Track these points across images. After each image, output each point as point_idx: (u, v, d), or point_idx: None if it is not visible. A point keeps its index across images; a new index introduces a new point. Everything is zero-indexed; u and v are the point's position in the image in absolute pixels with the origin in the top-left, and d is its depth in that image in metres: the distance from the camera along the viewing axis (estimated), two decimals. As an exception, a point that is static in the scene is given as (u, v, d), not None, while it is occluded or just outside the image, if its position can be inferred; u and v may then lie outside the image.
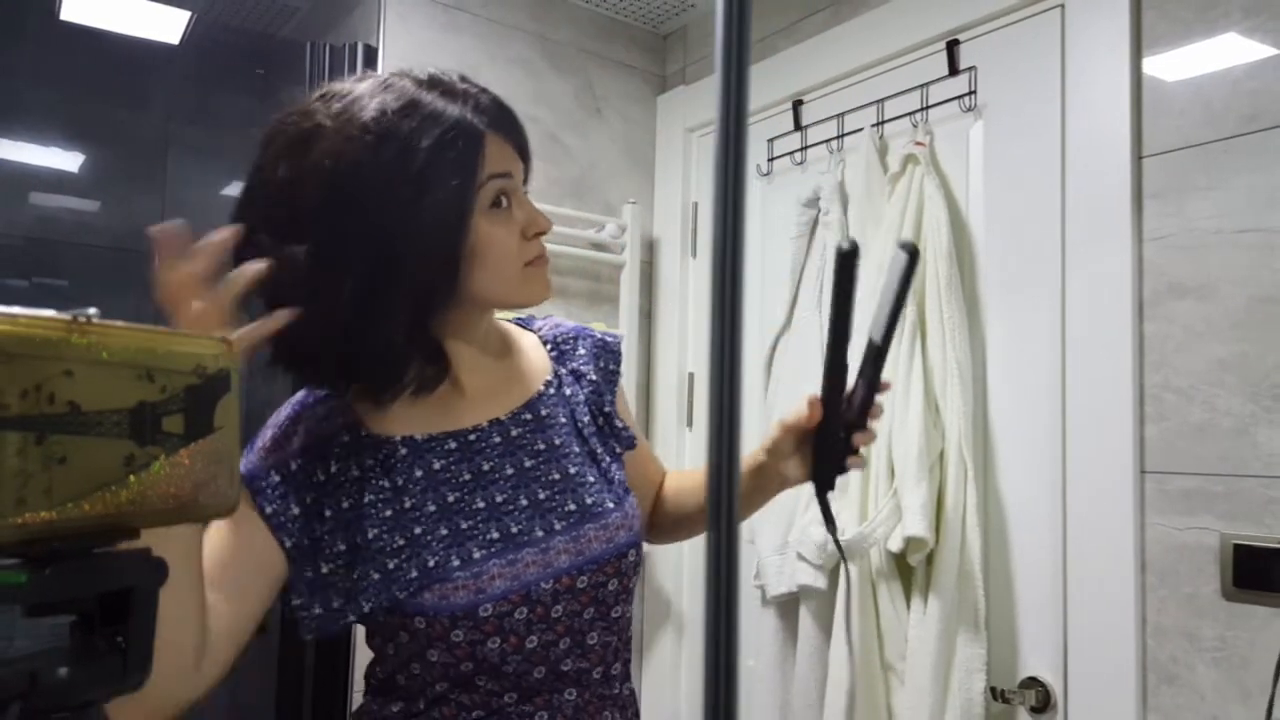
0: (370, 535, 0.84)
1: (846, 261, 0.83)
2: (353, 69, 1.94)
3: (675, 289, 2.21)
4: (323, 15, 2.31)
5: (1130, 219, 1.36)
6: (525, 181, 0.91)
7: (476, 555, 0.84)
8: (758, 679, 1.76)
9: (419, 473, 0.87)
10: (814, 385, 1.78)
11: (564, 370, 1.00)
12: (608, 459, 0.98)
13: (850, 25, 1.83)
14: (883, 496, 1.50)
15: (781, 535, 1.70)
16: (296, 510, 0.83)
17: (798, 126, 1.92)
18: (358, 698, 1.84)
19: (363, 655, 1.85)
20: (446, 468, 0.88)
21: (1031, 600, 1.45)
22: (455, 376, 0.91)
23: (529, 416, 0.94)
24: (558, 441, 0.93)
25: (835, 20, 1.87)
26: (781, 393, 1.82)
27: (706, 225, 2.16)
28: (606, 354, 1.04)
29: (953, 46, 1.63)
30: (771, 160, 1.99)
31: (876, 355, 0.90)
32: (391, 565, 0.83)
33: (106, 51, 2.38)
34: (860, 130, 1.74)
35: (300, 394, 0.91)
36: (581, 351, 1.03)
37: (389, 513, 0.85)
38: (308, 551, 0.84)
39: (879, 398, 0.95)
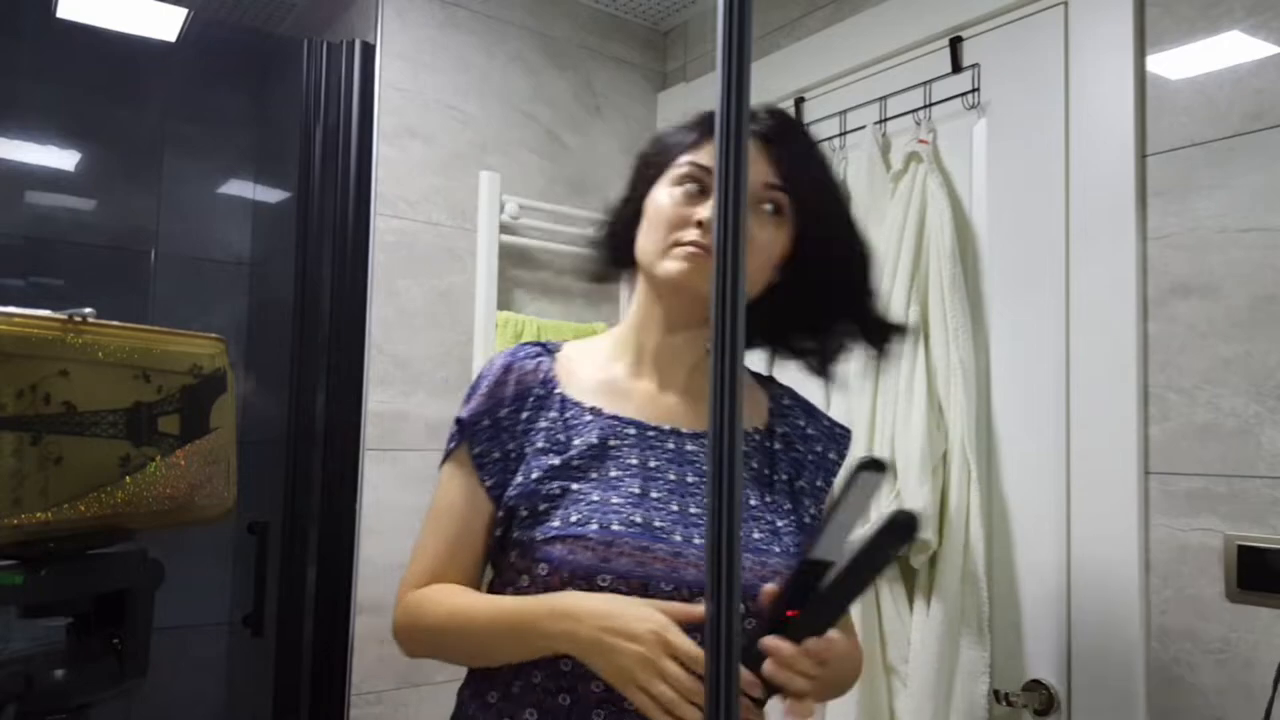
0: (534, 476, 0.93)
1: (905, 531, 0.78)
2: (350, 66, 1.93)
3: (675, 288, 2.20)
4: (320, 12, 2.30)
5: (1134, 217, 1.35)
6: (776, 202, 0.97)
7: (615, 527, 0.89)
8: (758, 680, 1.75)
9: (594, 439, 0.95)
10: (814, 385, 1.78)
11: (779, 430, 1.05)
12: (787, 520, 0.98)
13: (852, 22, 1.82)
14: (885, 498, 1.49)
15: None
16: (498, 454, 0.96)
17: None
18: (356, 700, 1.84)
19: (361, 658, 1.84)
20: (619, 447, 0.95)
21: (1035, 602, 1.45)
22: (655, 375, 1.01)
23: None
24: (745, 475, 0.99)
25: (837, 17, 1.87)
26: (782, 392, 1.81)
27: (707, 224, 2.15)
28: (833, 442, 1.08)
29: (956, 44, 1.62)
30: (772, 159, 1.98)
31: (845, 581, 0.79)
32: (542, 508, 0.91)
33: (103, 49, 2.37)
34: (863, 128, 1.73)
35: (513, 348, 1.02)
36: (806, 427, 1.07)
37: (556, 462, 0.93)
38: (501, 489, 0.95)
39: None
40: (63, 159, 2.54)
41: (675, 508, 0.93)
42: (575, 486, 0.92)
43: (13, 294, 2.41)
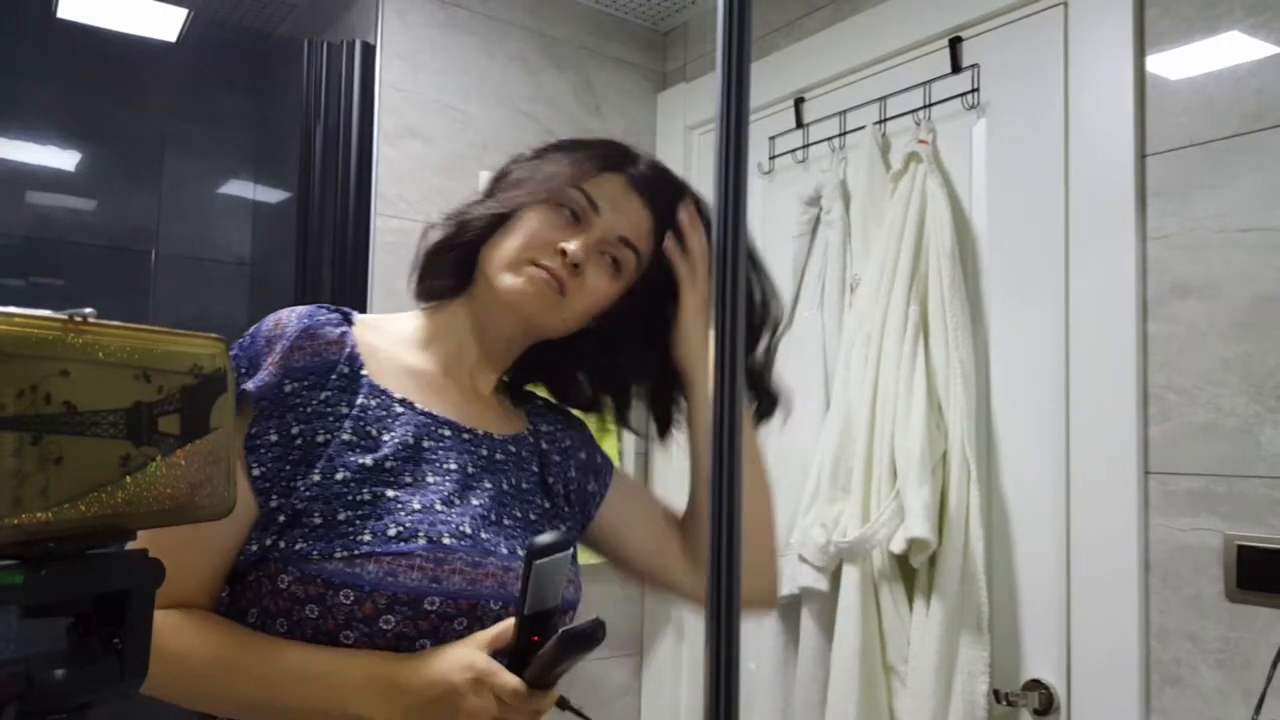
0: (339, 476, 0.77)
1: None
2: (350, 67, 1.93)
3: (675, 288, 2.20)
4: (320, 13, 2.30)
5: (1134, 218, 1.36)
6: (642, 244, 0.93)
7: (446, 541, 0.78)
8: (759, 681, 1.75)
9: (408, 438, 0.82)
10: (814, 386, 1.78)
11: (543, 428, 0.99)
12: (568, 523, 0.96)
13: (852, 22, 1.82)
14: (885, 498, 1.49)
15: (782, 536, 1.70)
16: (276, 437, 0.78)
17: (799, 124, 1.92)
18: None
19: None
20: (434, 449, 0.84)
21: (1034, 602, 1.45)
22: (467, 377, 0.93)
23: (513, 449, 0.92)
24: (526, 486, 0.92)
25: (837, 17, 1.87)
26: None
27: (707, 224, 2.15)
28: (593, 448, 1.03)
29: (955, 44, 1.62)
30: (773, 158, 1.98)
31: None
32: (343, 517, 0.76)
33: (103, 49, 2.37)
34: (862, 128, 1.73)
35: (307, 308, 0.87)
36: (556, 424, 1.01)
37: (366, 461, 0.79)
38: (272, 482, 0.77)
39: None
40: (63, 159, 2.54)
41: (494, 517, 0.85)
42: (390, 493, 0.78)
43: (13, 294, 2.41)
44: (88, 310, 0.39)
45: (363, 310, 1.89)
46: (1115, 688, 1.33)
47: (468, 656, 0.72)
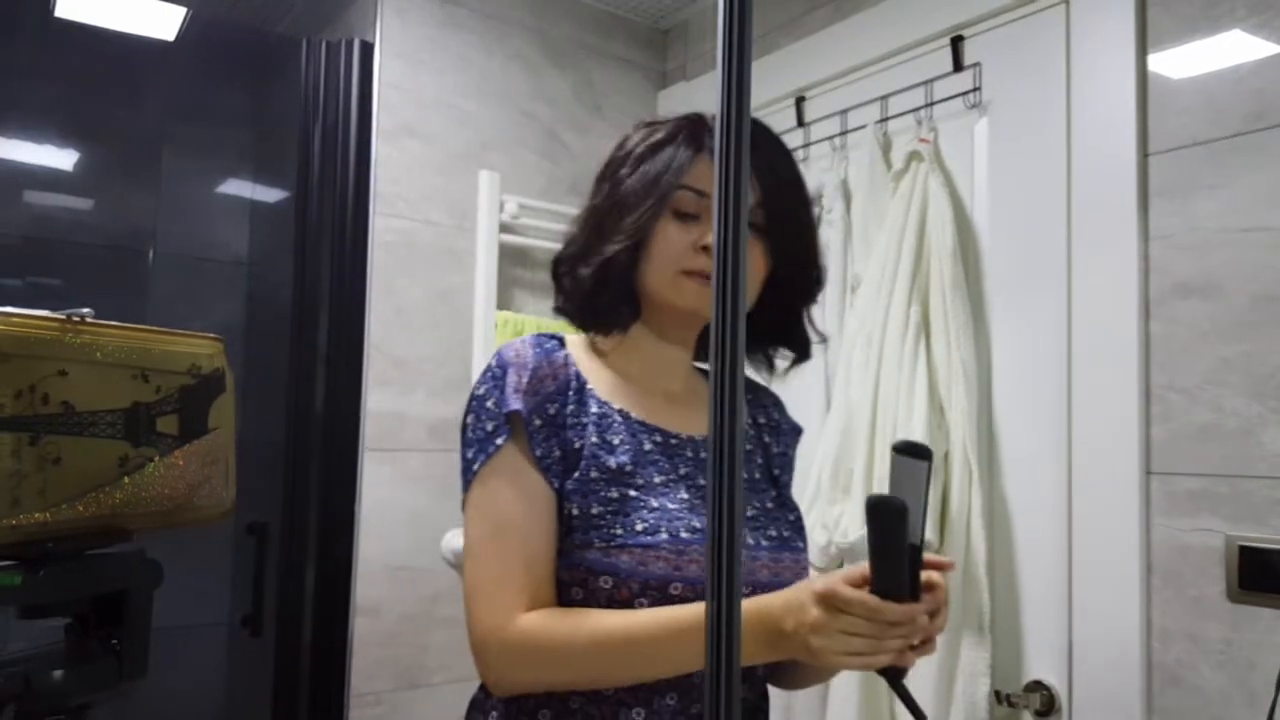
0: (593, 475, 0.88)
1: (892, 516, 0.78)
2: (349, 65, 1.93)
3: (675, 288, 2.20)
4: (319, 11, 2.29)
5: (1135, 217, 1.35)
6: (768, 212, 0.95)
7: (684, 535, 0.87)
8: (758, 680, 1.75)
9: (634, 444, 0.92)
10: (815, 386, 1.77)
11: (761, 420, 1.07)
12: (794, 515, 1.03)
13: (853, 21, 1.82)
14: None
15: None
16: (559, 453, 0.90)
17: (800, 123, 1.91)
18: (355, 700, 1.83)
19: (360, 659, 1.84)
20: (653, 453, 0.93)
21: (1036, 603, 1.45)
22: (659, 380, 1.00)
23: None
24: (756, 476, 1.00)
25: (838, 16, 1.86)
26: (782, 392, 1.81)
27: (706, 223, 2.14)
28: (795, 435, 1.11)
29: (957, 43, 1.62)
30: (772, 158, 1.98)
31: (917, 556, 0.83)
32: (596, 512, 0.87)
33: (101, 48, 2.36)
34: (864, 127, 1.73)
35: (529, 337, 0.96)
36: (776, 415, 1.10)
37: (611, 463, 0.90)
38: (566, 491, 0.89)
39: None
40: (61, 159, 2.54)
41: None
42: (632, 493, 0.89)
43: (11, 294, 2.41)
44: (86, 310, 0.39)
45: (362, 309, 1.89)
46: (1117, 688, 1.33)
47: (817, 580, 0.79)
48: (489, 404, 0.90)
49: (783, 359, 1.07)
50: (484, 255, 2.01)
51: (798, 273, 1.01)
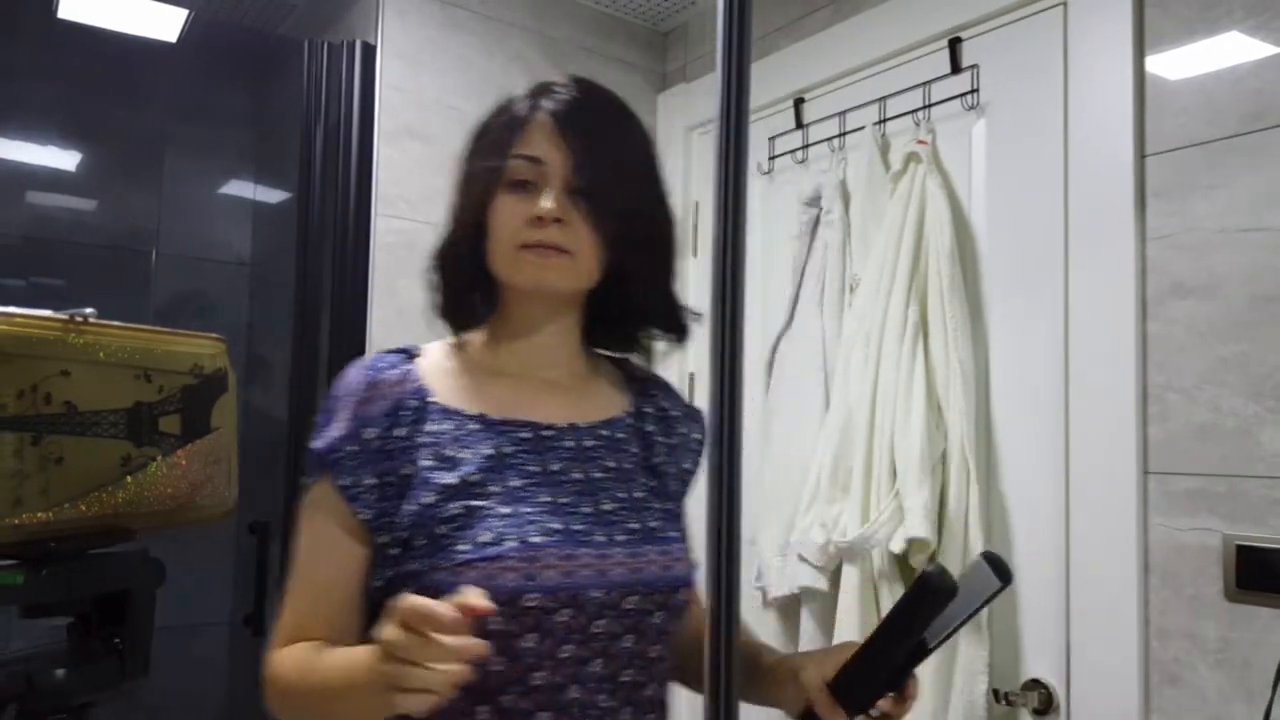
0: (426, 500, 0.83)
1: (938, 596, 0.77)
2: (350, 67, 1.93)
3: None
4: (320, 13, 2.30)
5: (1133, 218, 1.36)
6: (583, 180, 0.88)
7: (535, 539, 0.83)
8: (758, 679, 1.75)
9: (488, 450, 0.87)
10: (814, 386, 1.77)
11: (647, 410, 1.00)
12: (674, 504, 0.97)
13: (852, 23, 1.82)
14: (885, 498, 1.49)
15: (783, 536, 1.70)
16: (373, 480, 0.85)
17: (799, 124, 1.92)
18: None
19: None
20: (516, 454, 0.88)
21: (1034, 601, 1.45)
22: (536, 371, 0.94)
23: (605, 434, 0.94)
24: (628, 466, 0.94)
25: (837, 18, 1.87)
26: (783, 393, 1.82)
27: (707, 224, 2.15)
28: (691, 422, 1.04)
29: (955, 44, 1.62)
30: (773, 158, 1.98)
31: (918, 655, 0.83)
32: (441, 532, 0.82)
33: (104, 49, 2.37)
34: (862, 128, 1.73)
35: (371, 358, 0.93)
36: (665, 404, 1.03)
37: (450, 480, 0.84)
38: (380, 522, 0.85)
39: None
40: (63, 159, 2.54)
41: (588, 509, 0.87)
42: (478, 504, 0.84)
43: (14, 294, 2.41)
44: (88, 310, 0.39)
45: (363, 309, 1.90)
46: (1115, 688, 1.33)
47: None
48: (313, 440, 0.88)
49: (659, 341, 1.01)
50: (485, 256, 2.01)
51: (644, 244, 0.93)
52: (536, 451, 0.89)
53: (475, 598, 0.68)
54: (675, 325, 0.99)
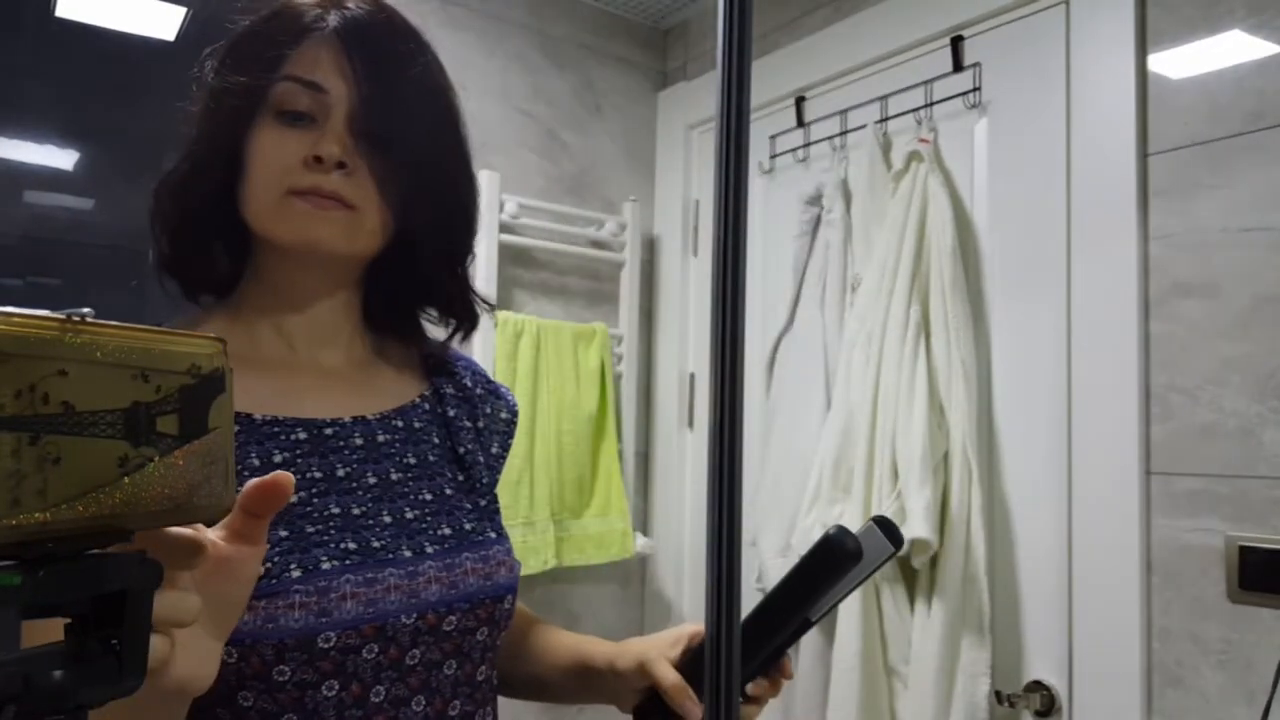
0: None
1: (844, 560, 0.71)
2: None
3: (676, 288, 2.20)
4: (320, 11, 2.29)
5: (1135, 217, 1.35)
6: (374, 121, 0.72)
7: (325, 566, 0.67)
8: (759, 680, 1.75)
9: (255, 461, 0.69)
10: (815, 386, 1.77)
11: (447, 390, 0.85)
12: (487, 498, 0.82)
13: (853, 21, 1.82)
14: (886, 498, 1.49)
15: (784, 538, 1.70)
16: None
17: (800, 123, 1.91)
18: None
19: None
20: (291, 460, 0.70)
21: (1036, 603, 1.45)
22: (306, 352, 0.77)
23: (400, 424, 0.78)
24: (431, 458, 0.79)
25: (838, 16, 1.86)
26: (783, 393, 1.81)
27: (708, 223, 2.15)
28: (496, 399, 0.90)
29: (957, 43, 1.62)
30: (774, 157, 1.98)
31: (801, 629, 0.77)
32: None
33: (102, 48, 2.36)
34: (863, 127, 1.73)
35: None
36: (468, 382, 0.88)
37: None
38: None
39: None
40: (61, 158, 2.54)
41: (388, 518, 0.72)
42: None
43: (11, 294, 2.41)
44: (86, 310, 0.39)
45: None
46: (1117, 689, 1.33)
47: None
48: None
49: (439, 326, 0.85)
50: (483, 255, 2.01)
51: (440, 207, 0.78)
52: (318, 454, 0.72)
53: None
54: (463, 310, 0.83)
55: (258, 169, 0.71)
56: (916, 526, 1.42)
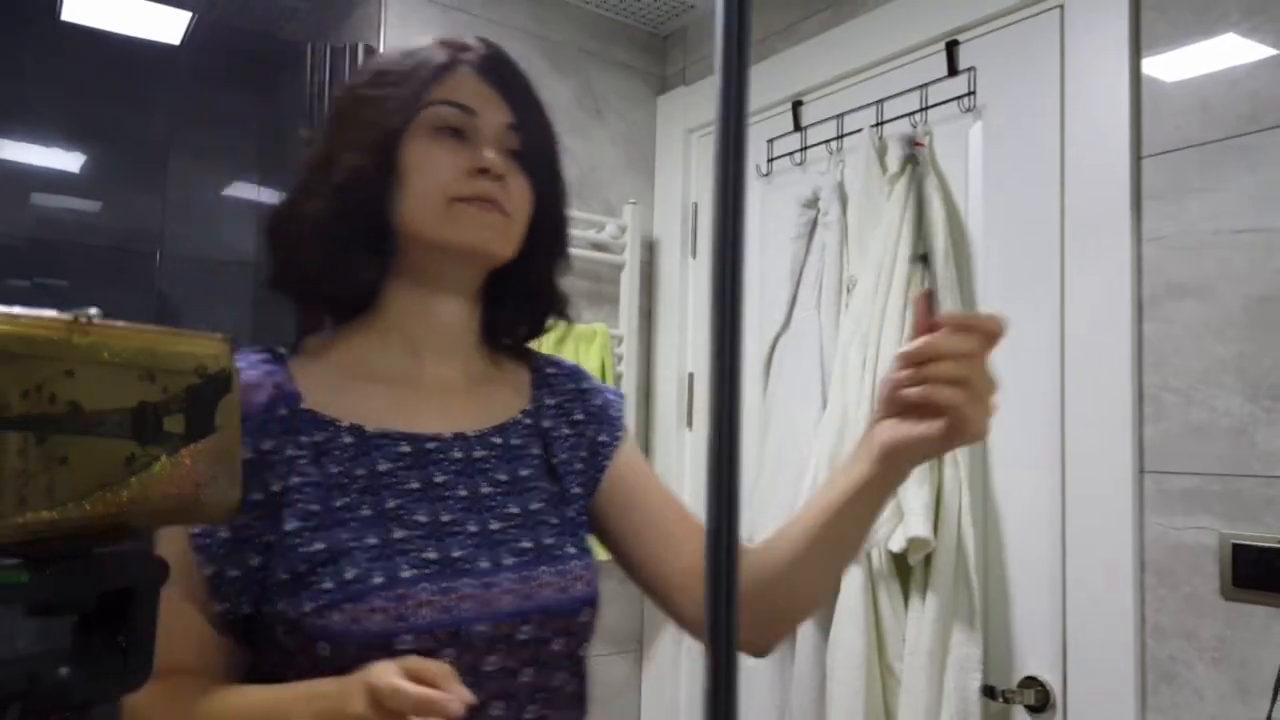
0: (289, 528, 0.72)
1: None
2: (353, 70, 1.94)
3: (675, 289, 2.21)
4: (323, 16, 2.31)
5: (1129, 219, 1.36)
6: (520, 136, 0.83)
7: (405, 574, 0.72)
8: (757, 679, 1.76)
9: (360, 470, 0.76)
10: (812, 386, 1.77)
11: (548, 402, 0.90)
12: (575, 509, 0.86)
13: (850, 26, 1.83)
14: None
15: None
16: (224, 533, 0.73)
17: (797, 127, 1.92)
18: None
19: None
20: (393, 471, 0.77)
21: (1031, 600, 1.46)
22: (423, 366, 0.83)
23: (498, 441, 0.84)
24: (524, 473, 0.83)
25: (835, 21, 1.88)
26: (779, 392, 1.82)
27: (706, 226, 2.16)
28: (605, 411, 0.94)
29: (952, 47, 1.63)
30: (771, 161, 1.99)
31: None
32: (304, 569, 0.71)
33: (107, 52, 2.38)
34: (860, 131, 1.74)
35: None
36: (571, 387, 0.93)
37: (315, 507, 0.73)
38: (232, 545, 0.72)
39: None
40: (68, 161, 2.56)
41: (474, 528, 0.77)
42: (344, 535, 0.73)
43: (18, 295, 2.42)
44: (93, 310, 0.40)
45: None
46: (1111, 685, 1.34)
47: (373, 670, 0.62)
48: None
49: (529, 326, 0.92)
50: (486, 257, 2.02)
51: (556, 220, 0.87)
52: (418, 466, 0.78)
53: (443, 684, 0.59)
54: (559, 306, 0.91)
55: (421, 178, 0.78)
56: (915, 525, 1.43)
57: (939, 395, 0.72)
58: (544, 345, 0.97)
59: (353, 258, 0.80)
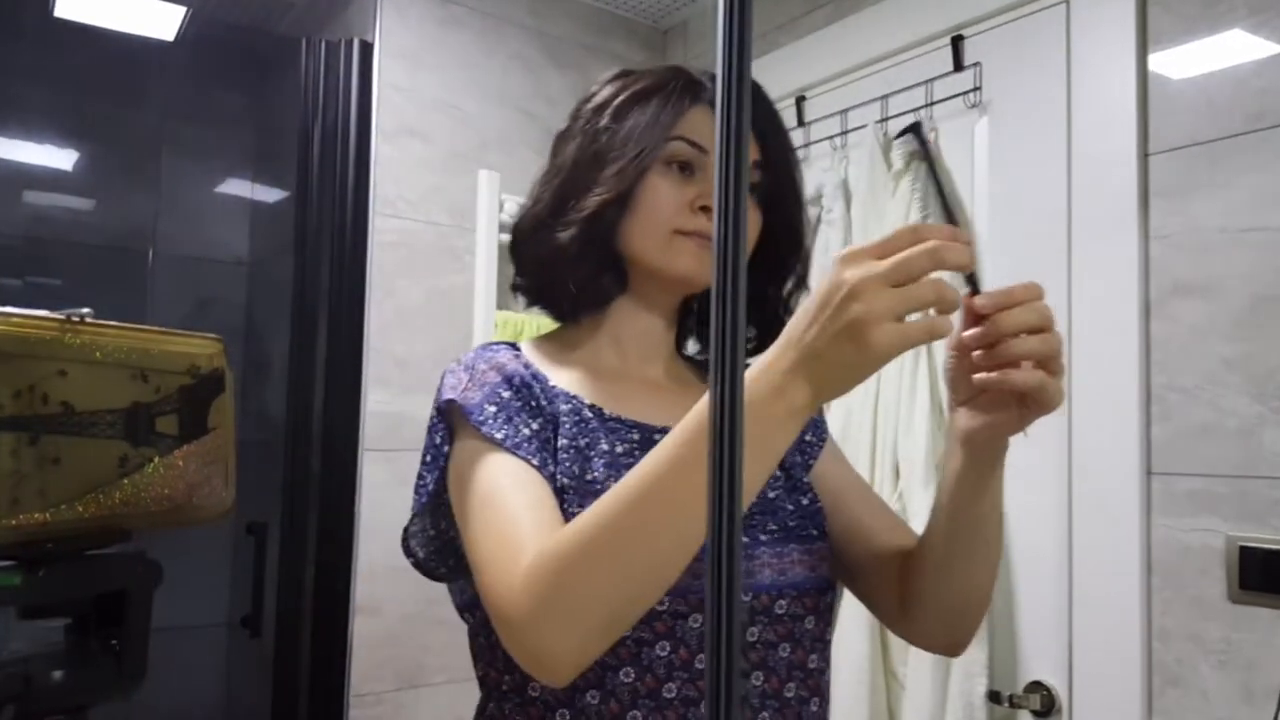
0: (559, 484, 0.76)
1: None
2: (349, 65, 1.93)
3: (675, 287, 2.20)
4: (318, 11, 2.29)
5: (1136, 217, 1.35)
6: (760, 172, 0.86)
7: None
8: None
9: (603, 445, 0.80)
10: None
11: None
12: (808, 497, 0.88)
13: (853, 21, 1.82)
14: (889, 498, 1.48)
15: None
16: (528, 431, 0.77)
17: (800, 123, 1.91)
18: (355, 701, 1.83)
19: (360, 659, 1.84)
20: (629, 453, 0.80)
21: (1036, 603, 1.45)
22: (641, 368, 0.90)
23: None
24: None
25: (838, 16, 1.86)
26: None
27: (706, 223, 2.14)
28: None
29: (957, 42, 1.62)
30: (772, 158, 1.98)
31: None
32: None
33: (101, 48, 2.36)
34: (864, 127, 1.73)
35: (479, 347, 0.88)
36: None
37: (576, 471, 0.77)
38: (542, 460, 0.76)
39: None
40: (61, 159, 2.54)
41: None
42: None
43: (10, 294, 2.41)
44: (85, 310, 0.39)
45: (361, 309, 1.89)
46: (1117, 689, 1.33)
47: (836, 274, 0.65)
48: (433, 415, 0.83)
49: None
50: (484, 255, 2.01)
51: (783, 248, 0.90)
52: (646, 451, 0.76)
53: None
54: (769, 328, 0.92)
55: (651, 209, 0.83)
56: (919, 527, 1.41)
57: (1013, 380, 0.71)
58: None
59: (599, 281, 0.87)
